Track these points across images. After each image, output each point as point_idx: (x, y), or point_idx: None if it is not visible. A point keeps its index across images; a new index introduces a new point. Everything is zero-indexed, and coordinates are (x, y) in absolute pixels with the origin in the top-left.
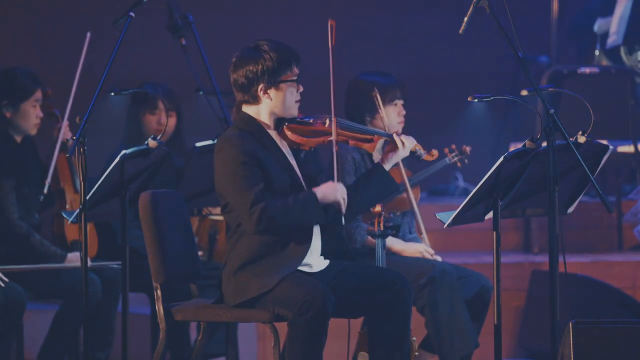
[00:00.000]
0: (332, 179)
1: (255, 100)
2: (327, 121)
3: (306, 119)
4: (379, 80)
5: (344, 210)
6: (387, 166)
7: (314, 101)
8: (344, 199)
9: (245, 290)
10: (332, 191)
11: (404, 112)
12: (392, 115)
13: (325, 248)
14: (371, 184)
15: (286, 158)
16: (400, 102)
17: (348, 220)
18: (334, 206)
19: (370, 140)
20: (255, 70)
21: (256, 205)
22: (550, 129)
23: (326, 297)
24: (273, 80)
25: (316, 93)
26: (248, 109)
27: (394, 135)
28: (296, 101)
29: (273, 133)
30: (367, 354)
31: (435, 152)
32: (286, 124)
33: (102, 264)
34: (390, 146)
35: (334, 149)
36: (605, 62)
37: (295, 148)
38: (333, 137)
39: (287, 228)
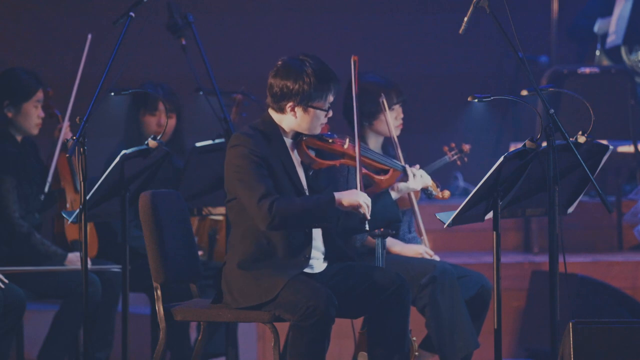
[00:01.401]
0: (351, 181)
1: (281, 111)
2: (347, 142)
3: (326, 136)
4: (382, 83)
5: (368, 215)
6: (395, 195)
7: None
8: (367, 205)
9: (247, 296)
10: (354, 195)
11: (402, 116)
12: (391, 120)
13: (326, 250)
14: (376, 208)
15: (295, 168)
16: (397, 105)
17: (344, 237)
18: (357, 214)
19: (385, 172)
20: (291, 87)
21: (266, 198)
22: (550, 129)
23: (330, 302)
24: (304, 102)
25: None
26: (272, 114)
27: (407, 168)
28: (321, 124)
29: (288, 142)
30: (367, 354)
31: (447, 193)
32: (305, 138)
33: (103, 267)
34: (403, 177)
35: (357, 172)
36: (606, 62)
37: (306, 163)
38: (358, 167)
39: (299, 222)
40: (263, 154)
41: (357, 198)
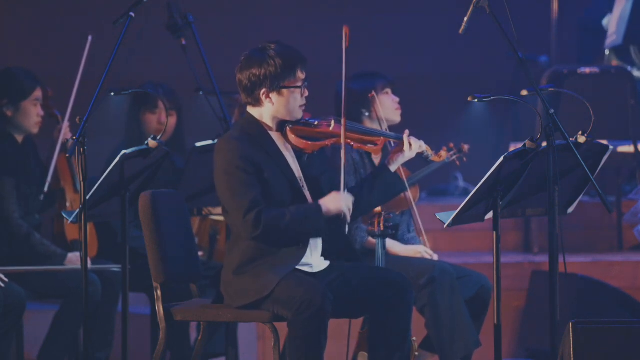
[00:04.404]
0: (337, 179)
1: (257, 103)
2: (333, 123)
3: (310, 121)
4: (369, 75)
5: (349, 219)
6: (393, 167)
7: (311, 99)
8: (349, 209)
9: (244, 294)
10: (337, 202)
11: (397, 99)
12: (388, 103)
13: (328, 249)
14: (377, 185)
15: (286, 162)
16: (389, 90)
17: (351, 222)
18: (338, 216)
19: (375, 144)
20: (258, 74)
21: (251, 211)
22: (550, 129)
23: (325, 296)
24: (275, 85)
25: (314, 91)
26: (252, 111)
27: (404, 137)
28: (300, 106)
29: (275, 135)
30: (367, 354)
31: (443, 154)
32: (289, 125)
33: (103, 267)
34: (398, 147)
35: (342, 153)
36: (615, 61)
37: (297, 150)
38: (342, 140)
39: (284, 235)
40: (250, 154)
41: (340, 203)
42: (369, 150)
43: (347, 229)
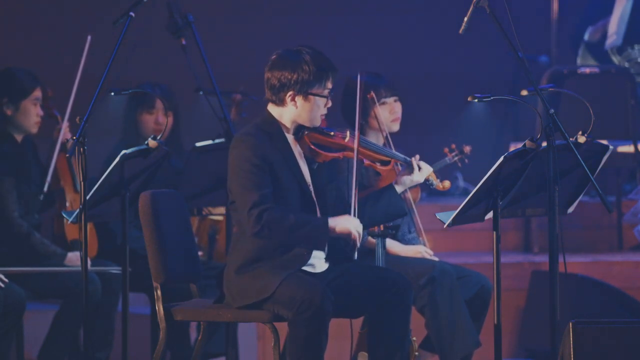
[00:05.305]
0: (344, 193)
1: (281, 103)
2: (347, 135)
3: (327, 130)
4: (371, 80)
5: (358, 244)
6: (399, 189)
7: None
8: (359, 233)
9: (245, 295)
10: (347, 223)
11: (397, 110)
12: (384, 114)
13: (328, 251)
14: (380, 203)
15: (298, 165)
16: (391, 100)
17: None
18: (347, 240)
19: (387, 163)
20: (290, 77)
21: (258, 207)
22: (550, 129)
23: (325, 296)
24: (304, 90)
25: None
26: (272, 109)
27: (412, 160)
28: (321, 115)
29: (290, 137)
30: (367, 354)
31: (447, 183)
32: (307, 132)
33: (103, 269)
34: (407, 170)
35: (354, 168)
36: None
37: (309, 157)
38: (354, 156)
39: (286, 237)
40: (265, 152)
41: (349, 226)
42: (378, 169)
43: (356, 255)
